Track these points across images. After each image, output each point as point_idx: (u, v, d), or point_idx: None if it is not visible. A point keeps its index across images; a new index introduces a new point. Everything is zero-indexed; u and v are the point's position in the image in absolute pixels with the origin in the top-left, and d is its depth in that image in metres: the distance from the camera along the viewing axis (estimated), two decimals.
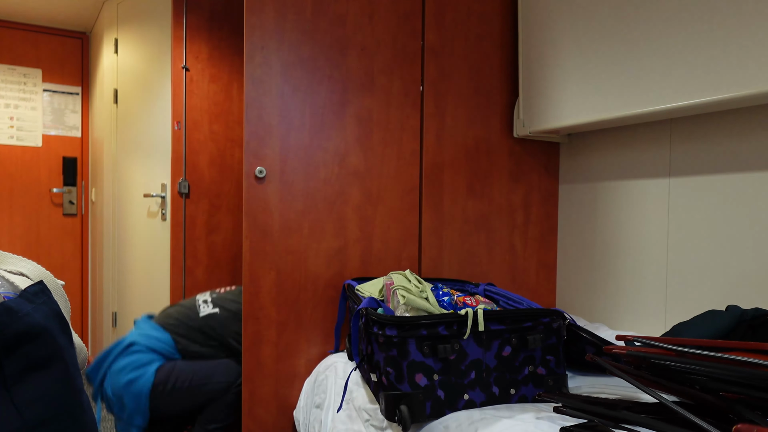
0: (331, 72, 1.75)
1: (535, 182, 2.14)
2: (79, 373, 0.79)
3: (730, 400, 0.81)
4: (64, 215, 3.55)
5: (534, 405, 1.19)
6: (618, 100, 1.69)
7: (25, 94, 3.43)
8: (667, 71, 1.55)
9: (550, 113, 1.92)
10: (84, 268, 3.60)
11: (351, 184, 1.78)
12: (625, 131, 1.93)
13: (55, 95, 3.51)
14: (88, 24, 3.45)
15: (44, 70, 3.47)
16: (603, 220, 2.01)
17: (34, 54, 3.45)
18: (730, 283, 1.60)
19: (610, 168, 1.99)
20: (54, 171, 3.51)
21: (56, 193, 3.53)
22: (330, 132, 1.75)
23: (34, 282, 0.78)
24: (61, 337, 0.75)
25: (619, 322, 1.94)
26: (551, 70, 1.91)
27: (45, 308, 0.75)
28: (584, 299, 2.08)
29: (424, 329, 1.17)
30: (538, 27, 1.96)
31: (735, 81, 1.39)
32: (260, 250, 1.67)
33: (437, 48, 1.93)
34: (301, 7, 1.71)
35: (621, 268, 1.94)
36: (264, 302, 1.67)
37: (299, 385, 1.72)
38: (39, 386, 0.72)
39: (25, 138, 3.43)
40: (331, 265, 1.75)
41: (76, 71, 3.56)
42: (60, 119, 3.52)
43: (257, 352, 1.67)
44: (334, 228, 1.76)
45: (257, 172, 1.66)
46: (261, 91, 1.66)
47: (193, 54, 2.46)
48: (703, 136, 1.69)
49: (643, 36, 1.61)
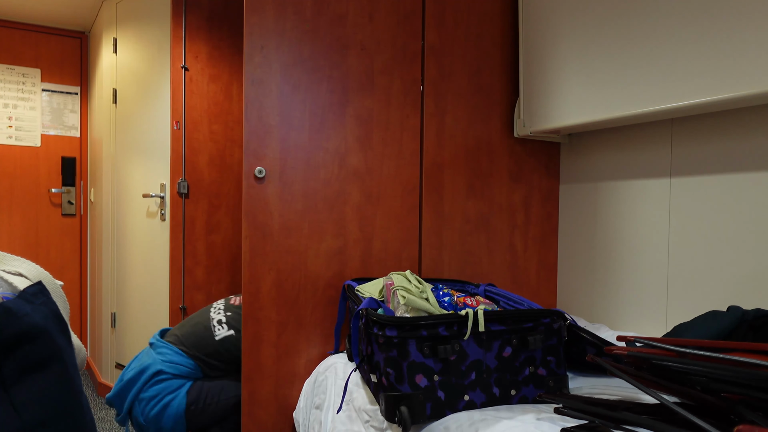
0: (331, 72, 1.75)
1: (536, 182, 2.14)
2: (78, 374, 0.79)
3: (731, 400, 0.81)
4: (63, 215, 3.55)
5: (534, 406, 1.19)
6: (619, 99, 1.69)
7: (23, 93, 3.43)
8: (668, 71, 1.55)
9: (551, 113, 1.92)
10: (83, 269, 3.60)
11: (351, 184, 1.78)
12: (625, 131, 1.93)
13: (54, 95, 3.51)
14: (87, 24, 3.45)
15: (43, 70, 3.47)
16: (604, 221, 2.01)
17: (33, 54, 3.45)
18: (731, 283, 1.60)
19: (610, 168, 1.99)
20: (53, 171, 3.52)
21: (55, 193, 3.53)
22: (330, 132, 1.75)
23: (33, 283, 0.78)
24: (59, 337, 0.75)
25: (620, 323, 1.94)
26: (552, 70, 1.91)
27: (44, 309, 0.75)
28: (585, 300, 2.08)
29: (425, 330, 1.17)
30: (539, 26, 1.96)
31: (736, 81, 1.39)
32: (260, 251, 1.67)
33: (437, 47, 1.93)
34: (301, 7, 1.71)
35: (622, 269, 1.94)
36: (264, 303, 1.67)
37: (299, 385, 1.72)
38: (38, 387, 0.72)
39: (23, 138, 3.43)
40: (331, 265, 1.75)
41: (75, 71, 3.56)
42: (59, 119, 3.52)
43: (257, 352, 1.67)
44: (334, 228, 1.76)
45: (257, 173, 1.66)
46: (261, 91, 1.66)
47: (193, 54, 2.46)
48: (704, 136, 1.69)
49: (645, 35, 1.61)
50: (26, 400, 0.70)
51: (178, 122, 2.42)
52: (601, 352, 1.35)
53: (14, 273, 0.90)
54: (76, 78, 3.56)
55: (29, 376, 0.71)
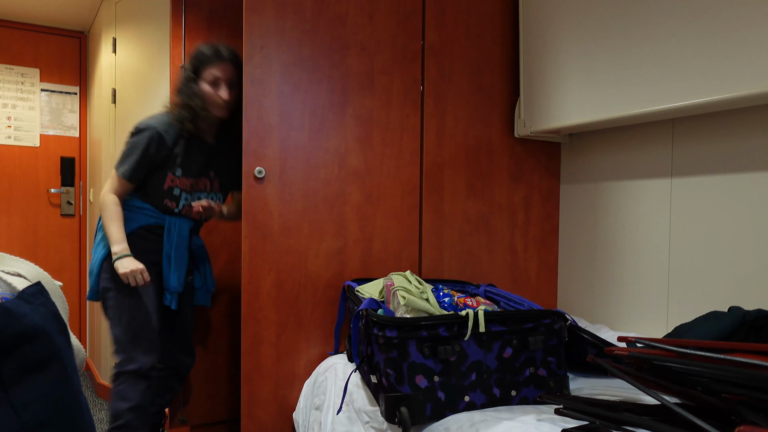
0: (330, 72, 1.75)
1: (536, 182, 2.15)
2: (77, 374, 0.79)
3: (732, 401, 0.81)
4: (62, 216, 3.55)
5: (535, 407, 1.19)
6: (620, 99, 1.69)
7: (22, 93, 3.43)
8: (669, 70, 1.55)
9: (552, 113, 1.92)
10: (82, 269, 3.60)
11: (351, 184, 1.78)
12: (626, 131, 1.94)
13: (53, 95, 3.51)
14: (86, 23, 3.45)
15: (42, 70, 3.48)
16: (604, 221, 2.01)
17: (32, 53, 3.45)
18: (732, 283, 1.60)
19: (611, 168, 1.99)
20: (52, 171, 3.52)
21: (54, 193, 3.53)
22: (330, 132, 1.76)
23: (32, 283, 0.78)
24: (59, 338, 0.75)
25: (621, 323, 1.94)
26: (552, 70, 1.91)
27: (43, 309, 0.75)
28: (585, 300, 2.09)
29: (425, 330, 1.17)
30: (540, 26, 1.96)
31: (737, 80, 1.39)
32: (260, 251, 1.67)
33: (437, 47, 1.93)
34: (301, 7, 1.71)
35: (622, 269, 1.94)
36: (263, 303, 1.67)
37: (299, 386, 1.72)
38: (37, 388, 0.72)
39: (22, 138, 3.43)
40: (331, 265, 1.75)
41: (74, 71, 3.57)
42: (58, 119, 3.52)
43: (257, 353, 1.67)
44: (333, 228, 1.76)
45: (256, 173, 1.66)
46: (260, 91, 1.66)
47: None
48: (705, 136, 1.69)
49: (645, 35, 1.61)
50: (25, 401, 0.70)
51: None
52: (601, 353, 1.35)
53: (13, 273, 0.90)
54: (75, 78, 3.56)
55: (28, 376, 0.71)
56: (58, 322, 0.78)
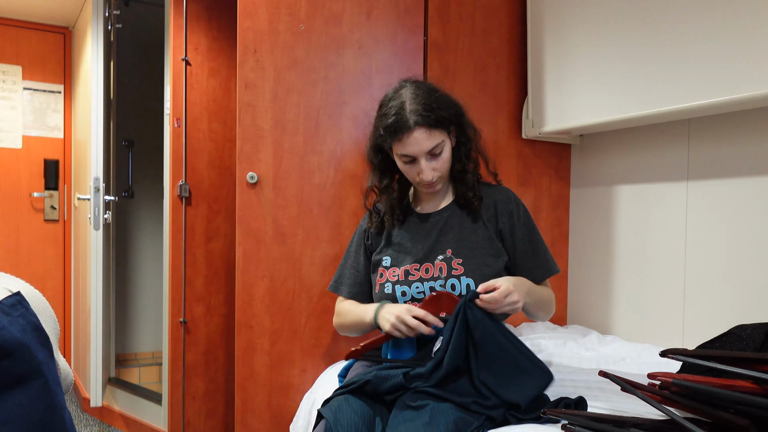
0: (326, 73, 1.77)
1: (545, 186, 2.16)
2: (61, 389, 0.80)
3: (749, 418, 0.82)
4: (45, 221, 3.57)
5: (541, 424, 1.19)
6: (633, 99, 1.70)
7: (3, 92, 3.46)
8: (686, 68, 1.56)
9: (561, 113, 1.93)
10: (66, 278, 3.62)
11: (347, 188, 1.80)
12: (640, 132, 1.95)
13: (36, 94, 3.54)
14: (70, 18, 3.48)
15: (24, 67, 3.50)
16: (617, 226, 2.02)
17: (13, 50, 3.48)
18: (752, 292, 1.61)
19: (624, 171, 2.00)
20: (35, 174, 3.54)
21: (37, 197, 3.55)
22: (325, 135, 1.77)
23: (12, 293, 0.80)
24: (40, 351, 0.76)
25: (633, 335, 1.95)
26: (562, 67, 1.92)
27: (21, 321, 0.76)
28: (597, 310, 2.09)
29: None
30: (548, 20, 1.97)
31: (757, 79, 1.40)
32: (253, 257, 1.69)
33: (441, 44, 1.95)
34: (296, 8, 1.73)
35: (636, 278, 1.95)
36: (257, 310, 1.70)
37: (293, 395, 1.74)
38: (16, 405, 0.73)
39: (3, 139, 3.46)
40: (326, 273, 1.77)
41: (59, 68, 3.59)
42: (41, 119, 3.55)
43: (250, 360, 1.69)
44: (329, 234, 1.78)
45: (248, 178, 1.68)
46: (254, 96, 1.69)
47: (193, 45, 2.40)
48: (723, 137, 1.70)
49: (661, 30, 1.62)
50: (5, 419, 0.71)
51: (178, 120, 2.35)
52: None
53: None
54: (59, 76, 3.59)
55: (8, 393, 0.72)
56: (39, 334, 0.78)
